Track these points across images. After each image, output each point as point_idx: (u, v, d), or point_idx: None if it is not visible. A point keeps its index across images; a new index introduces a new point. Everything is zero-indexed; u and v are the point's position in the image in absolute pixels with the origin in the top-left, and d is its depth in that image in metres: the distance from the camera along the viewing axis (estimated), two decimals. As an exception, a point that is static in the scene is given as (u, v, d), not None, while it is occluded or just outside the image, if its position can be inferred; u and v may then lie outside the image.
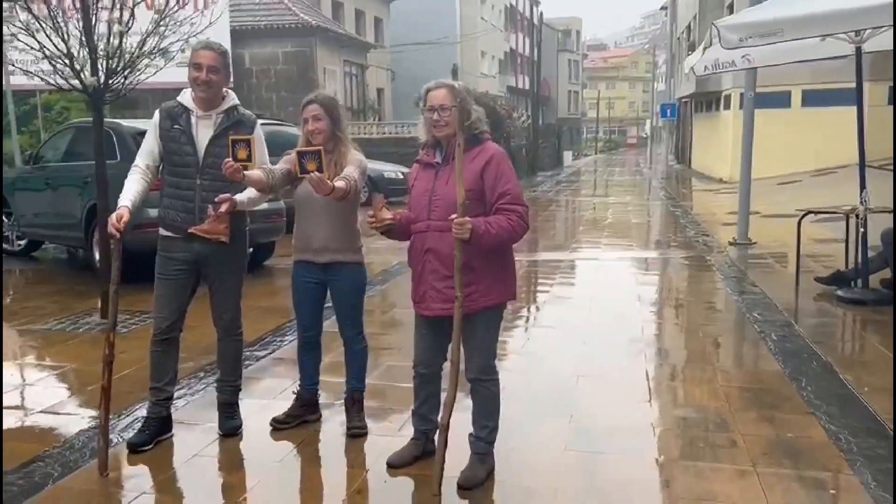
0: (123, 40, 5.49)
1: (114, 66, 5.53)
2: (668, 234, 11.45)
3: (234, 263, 3.49)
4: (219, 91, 3.34)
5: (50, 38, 5.43)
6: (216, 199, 3.21)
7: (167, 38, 5.76)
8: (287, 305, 6.38)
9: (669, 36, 38.79)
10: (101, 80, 5.54)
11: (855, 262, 6.26)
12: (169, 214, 3.36)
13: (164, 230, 3.40)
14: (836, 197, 9.09)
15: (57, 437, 3.59)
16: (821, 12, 5.16)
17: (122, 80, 5.65)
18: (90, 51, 5.50)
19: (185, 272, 3.39)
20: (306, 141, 3.37)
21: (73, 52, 5.47)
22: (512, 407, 3.29)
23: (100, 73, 5.52)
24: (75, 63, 5.49)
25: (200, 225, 3.25)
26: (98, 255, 7.33)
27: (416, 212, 3.05)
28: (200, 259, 3.38)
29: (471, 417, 3.15)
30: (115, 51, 5.49)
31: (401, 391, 4.03)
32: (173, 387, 3.57)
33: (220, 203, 3.19)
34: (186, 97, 3.35)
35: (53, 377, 4.58)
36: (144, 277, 3.96)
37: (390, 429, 3.65)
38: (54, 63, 5.52)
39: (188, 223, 3.29)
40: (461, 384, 3.00)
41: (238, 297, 3.57)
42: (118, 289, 3.20)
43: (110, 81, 5.60)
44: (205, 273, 3.45)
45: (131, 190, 3.28)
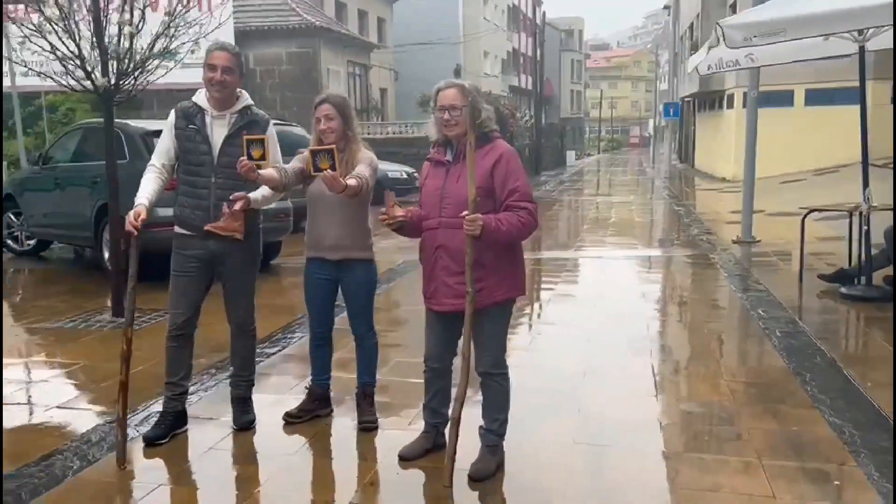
0: (134, 42, 5.57)
1: (124, 67, 5.60)
2: (672, 233, 11.49)
3: (248, 261, 3.56)
4: (233, 91, 3.41)
5: (62, 39, 5.50)
6: (231, 197, 3.27)
7: (176, 39, 5.83)
8: (295, 303, 6.50)
9: (672, 35, 38.80)
10: (112, 81, 5.61)
11: (858, 260, 6.31)
12: (184, 213, 3.42)
13: (179, 228, 3.46)
14: (839, 195, 9.13)
15: (74, 431, 3.66)
16: (824, 12, 5.21)
17: (133, 80, 5.72)
18: (101, 52, 5.58)
19: (200, 269, 3.46)
20: (318, 140, 3.43)
21: (85, 53, 5.54)
22: (520, 402, 3.35)
23: (111, 74, 5.60)
24: (87, 64, 5.56)
25: (216, 222, 3.31)
26: (107, 255, 7.42)
27: (428, 209, 3.11)
28: (215, 256, 3.44)
29: (481, 411, 3.21)
30: (125, 52, 5.57)
31: (410, 386, 4.09)
32: (188, 381, 3.64)
33: (235, 201, 3.26)
34: (201, 97, 3.42)
35: (68, 374, 4.64)
36: (155, 276, 4.04)
37: (401, 423, 3.71)
38: (66, 64, 5.59)
39: (203, 221, 3.36)
40: (471, 378, 3.06)
41: (251, 293, 3.63)
42: (136, 285, 3.26)
43: (121, 82, 5.68)
44: (219, 270, 3.51)
45: (147, 188, 3.35)
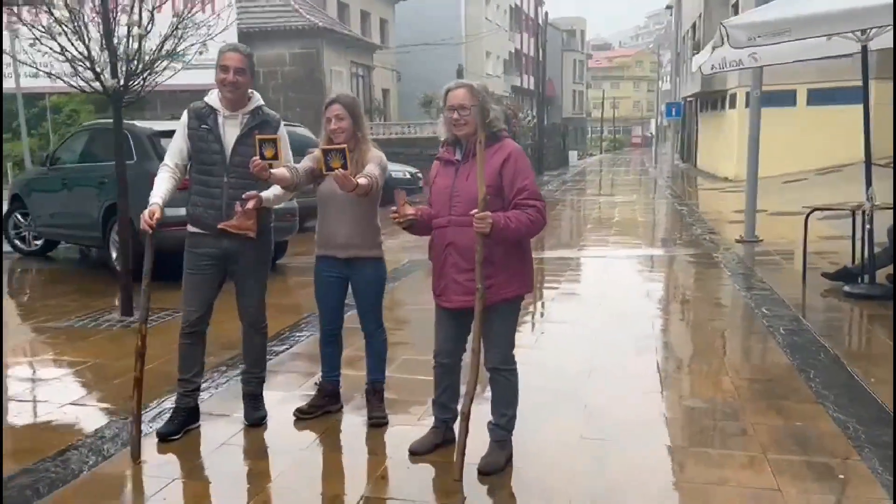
0: (142, 43, 5.62)
1: (133, 68, 5.66)
2: (675, 233, 11.53)
3: (260, 259, 3.61)
4: (245, 92, 3.46)
5: (71, 41, 5.56)
6: (243, 196, 3.33)
7: (185, 41, 5.89)
8: (301, 302, 6.56)
9: (675, 35, 38.83)
10: (121, 82, 5.67)
11: (861, 258, 6.35)
12: (197, 211, 3.47)
13: (192, 227, 3.52)
14: (842, 195, 9.16)
15: (88, 427, 3.71)
16: (827, 12, 5.25)
17: (142, 81, 5.78)
18: (110, 53, 5.63)
19: (213, 267, 3.51)
20: (328, 140, 3.48)
21: (94, 55, 5.60)
22: (527, 399, 3.39)
23: (119, 75, 5.65)
24: (96, 66, 5.62)
25: (229, 221, 3.36)
26: (115, 254, 7.48)
27: (437, 207, 3.16)
28: (228, 254, 3.49)
29: (490, 406, 3.26)
30: (134, 54, 5.62)
31: (418, 383, 4.14)
32: (201, 378, 3.69)
33: (248, 200, 3.31)
34: (213, 98, 3.47)
35: (79, 372, 4.70)
36: (164, 276, 4.08)
37: (410, 419, 3.76)
38: (76, 66, 5.65)
39: (216, 220, 3.41)
40: (480, 374, 3.10)
41: (263, 291, 3.69)
42: (150, 283, 3.32)
43: (130, 83, 5.73)
44: (231, 268, 3.56)
45: (161, 188, 3.40)
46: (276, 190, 3.45)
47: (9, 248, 9.65)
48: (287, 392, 4.19)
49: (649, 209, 15.49)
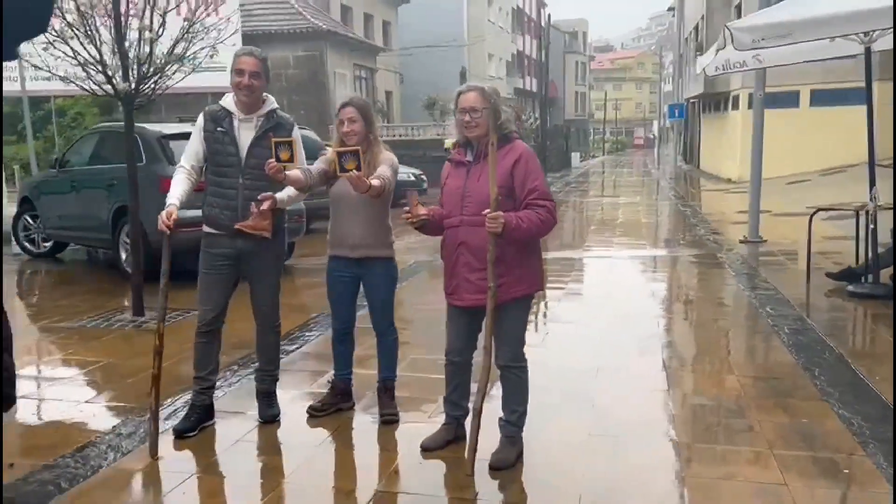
0: (153, 47, 5.70)
1: (145, 71, 5.73)
2: (679, 233, 11.58)
3: (274, 258, 3.68)
4: (259, 95, 3.53)
5: (83, 45, 5.63)
6: (259, 197, 3.39)
7: (194, 45, 5.96)
8: (309, 302, 6.62)
9: (677, 36, 38.89)
10: (133, 85, 5.74)
11: (865, 258, 6.40)
12: (213, 212, 3.54)
13: (208, 227, 3.58)
14: (846, 195, 9.21)
15: (105, 425, 3.78)
16: (831, 14, 5.30)
17: (153, 84, 5.85)
18: (122, 57, 5.70)
19: (228, 267, 3.58)
20: (341, 142, 3.55)
21: (106, 58, 5.67)
22: (536, 396, 3.45)
23: (131, 78, 5.73)
24: (108, 69, 5.69)
25: (245, 221, 3.43)
26: (124, 256, 7.55)
27: (449, 208, 3.22)
28: (242, 254, 3.56)
29: (501, 403, 3.32)
30: (145, 57, 5.70)
31: (427, 381, 4.20)
32: (216, 376, 3.76)
33: (263, 201, 3.38)
34: (229, 101, 3.54)
35: (94, 371, 4.76)
36: (174, 276, 4.14)
37: (420, 416, 3.82)
38: (88, 69, 5.73)
39: (232, 220, 3.48)
40: (491, 372, 3.16)
41: (277, 290, 3.75)
42: (168, 282, 3.39)
43: (141, 87, 5.81)
44: (245, 268, 3.63)
45: (177, 189, 3.46)
46: (290, 191, 3.51)
47: (17, 249, 9.74)
48: (299, 390, 4.26)
49: (652, 210, 15.55)
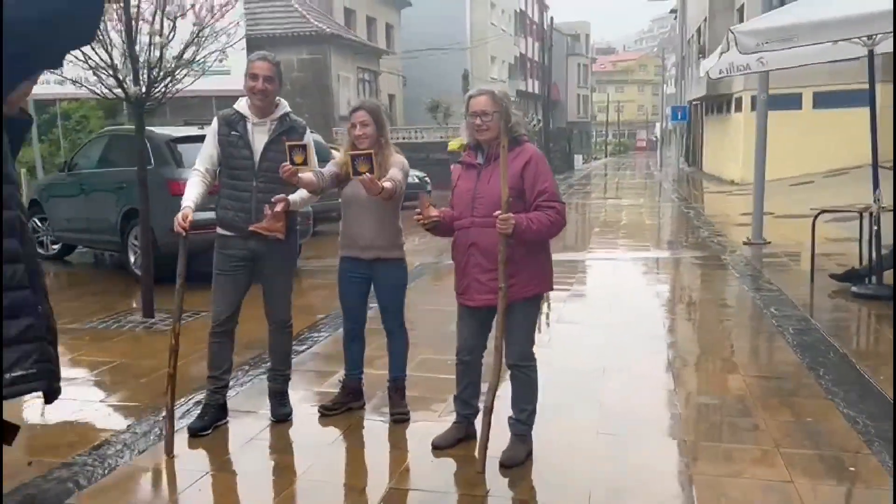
0: (164, 51, 5.76)
1: (155, 76, 5.80)
2: (683, 235, 11.63)
3: (287, 260, 3.74)
4: (273, 99, 3.59)
5: (94, 49, 5.70)
6: (272, 199, 3.45)
7: (204, 49, 6.03)
8: (316, 304, 6.68)
9: (679, 39, 38.92)
10: (143, 89, 5.81)
11: (869, 260, 6.44)
12: (227, 215, 3.60)
13: (221, 229, 3.64)
14: (849, 197, 9.26)
15: (120, 424, 3.84)
16: (834, 18, 5.36)
17: (163, 88, 5.92)
18: (132, 61, 5.77)
19: (242, 268, 3.64)
20: (352, 145, 3.61)
21: (117, 63, 5.74)
22: (544, 396, 3.49)
23: (142, 82, 5.79)
24: (118, 73, 5.76)
25: (259, 223, 3.49)
26: (133, 258, 7.62)
27: (460, 209, 3.28)
28: (256, 256, 3.62)
29: (510, 401, 3.37)
30: (156, 61, 5.77)
31: (437, 381, 4.26)
32: (229, 375, 3.82)
33: (277, 203, 3.44)
34: (243, 105, 3.61)
35: (106, 371, 4.82)
36: (186, 278, 4.20)
37: (431, 415, 3.87)
38: (99, 73, 5.79)
39: (246, 222, 3.54)
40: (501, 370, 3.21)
41: (289, 291, 3.81)
42: (184, 283, 3.45)
43: (151, 90, 5.87)
44: (259, 269, 3.69)
45: (192, 192, 3.52)
46: (302, 193, 3.57)
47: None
48: (309, 390, 4.32)
49: (656, 212, 15.59)
